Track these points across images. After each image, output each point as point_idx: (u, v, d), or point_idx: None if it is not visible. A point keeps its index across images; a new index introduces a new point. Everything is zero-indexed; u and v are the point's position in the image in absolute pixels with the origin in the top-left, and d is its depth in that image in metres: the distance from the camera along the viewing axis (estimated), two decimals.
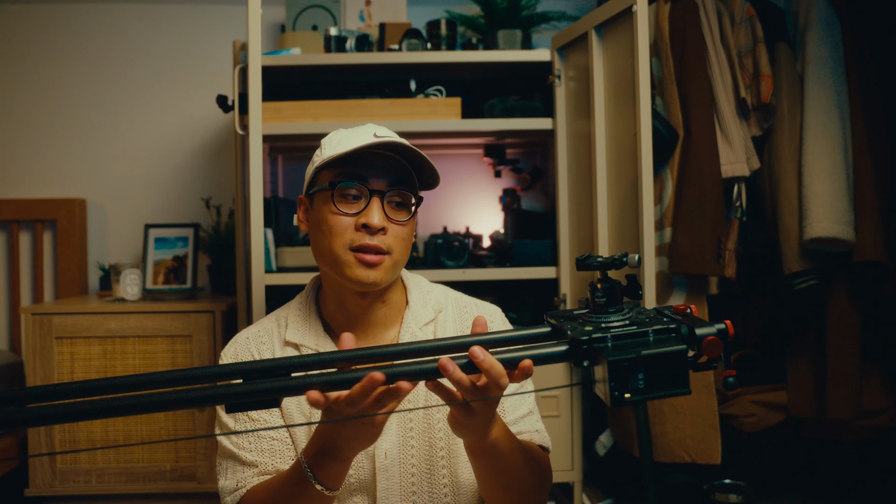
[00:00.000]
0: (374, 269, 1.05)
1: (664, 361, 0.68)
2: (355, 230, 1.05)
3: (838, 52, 2.00)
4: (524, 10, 2.29)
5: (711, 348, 0.70)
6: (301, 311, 1.16)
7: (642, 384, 0.67)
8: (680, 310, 0.76)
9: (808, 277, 1.99)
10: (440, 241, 2.14)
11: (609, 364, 0.67)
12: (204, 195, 2.67)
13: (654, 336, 0.72)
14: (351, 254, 1.05)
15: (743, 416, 2.11)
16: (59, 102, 2.68)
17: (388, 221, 1.06)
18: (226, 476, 1.09)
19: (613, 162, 1.93)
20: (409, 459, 1.10)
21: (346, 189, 1.05)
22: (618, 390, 0.67)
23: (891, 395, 2.06)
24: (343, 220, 1.05)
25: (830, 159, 1.94)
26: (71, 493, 2.16)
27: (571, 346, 0.75)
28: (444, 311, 1.18)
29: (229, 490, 1.08)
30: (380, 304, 1.13)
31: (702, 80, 1.98)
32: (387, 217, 1.06)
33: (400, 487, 1.09)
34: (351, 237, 1.05)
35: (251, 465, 1.08)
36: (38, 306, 2.28)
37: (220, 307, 2.19)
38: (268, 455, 1.08)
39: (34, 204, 2.59)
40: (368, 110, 2.09)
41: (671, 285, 2.04)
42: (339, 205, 1.05)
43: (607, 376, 0.67)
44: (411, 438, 1.10)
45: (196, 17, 2.70)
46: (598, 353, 0.70)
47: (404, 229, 1.08)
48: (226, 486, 1.08)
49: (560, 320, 0.82)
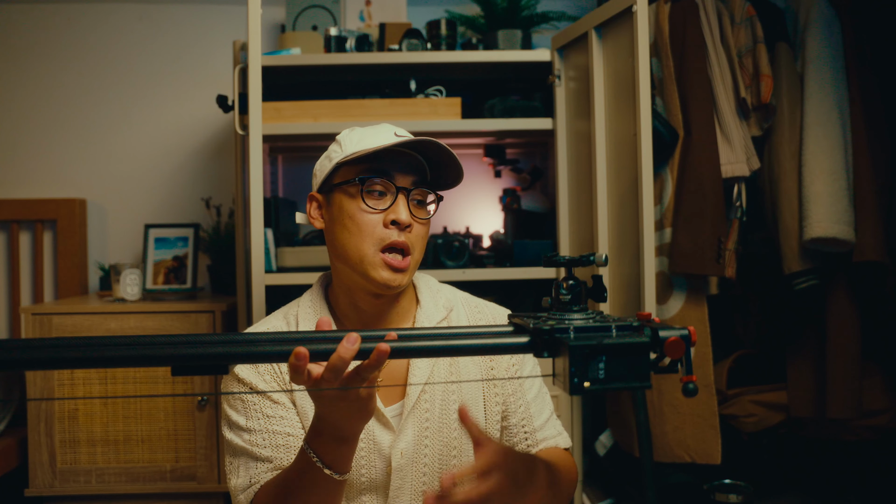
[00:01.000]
0: (400, 273, 1.06)
1: (626, 352, 0.67)
2: (384, 227, 1.05)
3: (838, 52, 2.00)
4: (524, 10, 2.29)
5: (673, 349, 0.69)
6: (312, 309, 1.14)
7: (602, 374, 0.67)
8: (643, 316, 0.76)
9: (808, 277, 1.99)
10: (440, 241, 2.14)
11: (570, 349, 0.66)
12: (204, 195, 2.67)
13: (616, 331, 0.72)
14: (380, 255, 1.05)
15: (743, 416, 2.11)
16: (59, 102, 2.68)
17: (412, 219, 1.06)
18: (237, 474, 1.06)
19: (613, 162, 1.93)
20: (422, 459, 1.09)
21: (373, 185, 1.06)
22: (577, 377, 0.66)
23: (891, 395, 2.06)
24: (372, 217, 1.05)
25: (830, 159, 1.95)
26: (71, 493, 2.16)
27: (533, 336, 0.74)
28: (456, 310, 1.18)
29: (242, 487, 1.05)
30: (394, 304, 1.13)
31: (702, 80, 1.98)
32: (412, 215, 1.07)
33: (412, 487, 1.09)
34: (381, 235, 1.05)
35: (265, 461, 1.05)
36: (38, 306, 2.28)
37: (220, 307, 2.19)
38: (283, 451, 1.06)
39: (34, 204, 2.59)
40: (368, 110, 2.09)
41: (671, 285, 2.04)
42: (368, 201, 1.05)
43: (567, 363, 0.67)
44: (426, 438, 1.10)
45: (196, 17, 2.70)
46: (560, 344, 0.69)
47: (424, 228, 1.09)
48: (238, 483, 1.06)
49: (524, 318, 0.82)
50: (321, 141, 2.11)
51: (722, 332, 2.20)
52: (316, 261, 2.04)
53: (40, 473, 2.16)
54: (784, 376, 2.12)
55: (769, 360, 2.21)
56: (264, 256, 1.81)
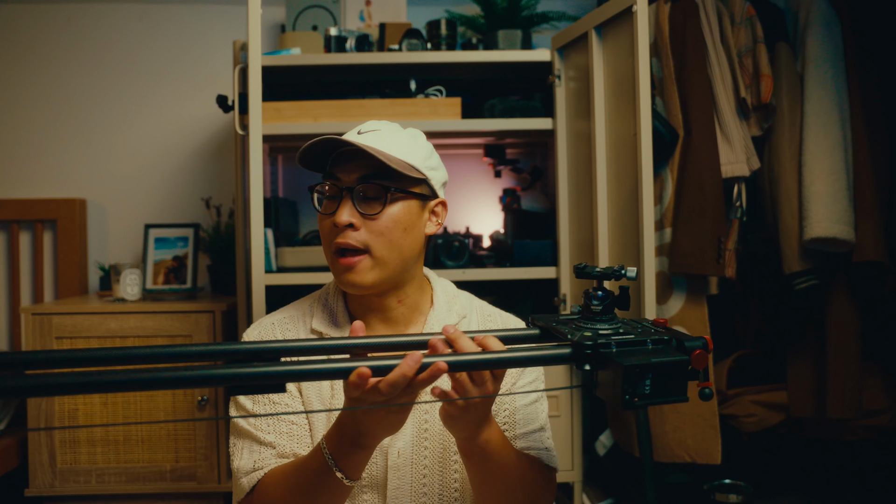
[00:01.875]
0: (353, 270, 1.04)
1: (669, 370, 0.72)
2: (332, 230, 1.05)
3: (838, 52, 2.00)
4: (524, 10, 2.29)
5: (699, 360, 0.75)
6: (328, 302, 1.16)
7: (648, 390, 0.72)
8: (659, 322, 0.81)
9: (809, 277, 1.99)
10: (440, 241, 2.14)
11: (625, 369, 0.70)
12: (204, 195, 2.67)
13: (651, 345, 0.76)
14: (336, 260, 1.06)
15: (743, 416, 2.11)
16: (59, 102, 2.68)
17: (357, 217, 1.03)
18: (241, 456, 1.06)
19: (613, 162, 1.93)
20: (421, 461, 1.09)
21: (324, 188, 1.07)
22: (629, 394, 0.71)
23: (891, 395, 2.06)
24: (325, 222, 1.07)
25: (830, 159, 1.94)
26: (71, 493, 2.16)
27: (574, 349, 0.78)
28: (469, 318, 1.18)
29: (246, 470, 1.05)
30: (395, 302, 1.12)
31: (702, 80, 1.98)
32: (358, 213, 1.03)
33: (411, 487, 1.09)
34: (330, 238, 1.06)
35: (269, 446, 1.05)
36: (38, 306, 2.28)
37: (220, 307, 2.19)
38: (286, 438, 1.06)
39: (34, 204, 2.59)
40: (368, 110, 2.09)
41: (671, 285, 2.04)
42: (322, 206, 1.07)
43: (620, 381, 0.71)
44: (426, 440, 1.10)
45: (196, 17, 2.70)
46: (606, 358, 0.74)
47: (380, 223, 1.04)
48: (242, 465, 1.05)
49: (550, 324, 0.84)
50: None
51: (722, 332, 2.20)
52: (316, 261, 2.04)
53: (40, 473, 2.16)
54: (784, 376, 2.12)
55: (769, 360, 2.21)
56: (264, 256, 1.81)
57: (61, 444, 2.16)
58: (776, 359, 2.18)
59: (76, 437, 2.16)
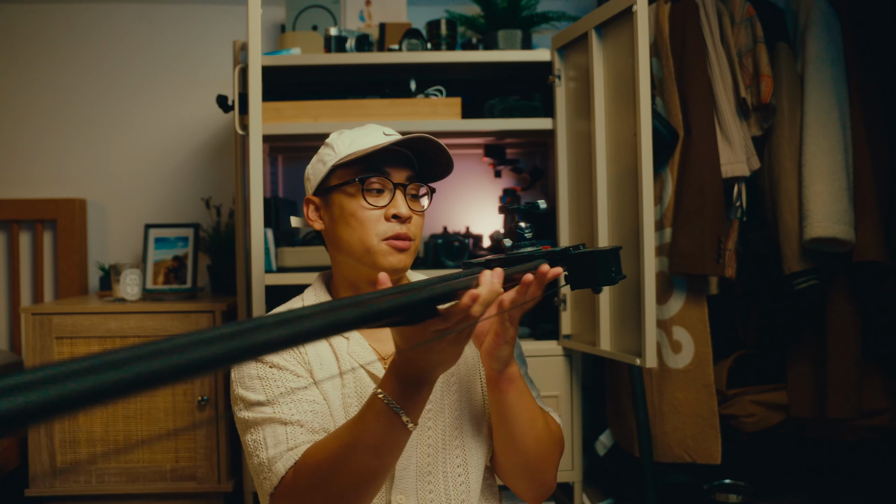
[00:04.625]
0: (404, 253, 1.12)
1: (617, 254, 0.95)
2: (385, 221, 1.11)
3: (838, 52, 2.00)
4: (524, 10, 2.29)
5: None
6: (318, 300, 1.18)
7: (615, 274, 0.93)
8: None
9: (809, 277, 1.99)
10: (440, 241, 2.14)
11: (612, 251, 0.93)
12: (204, 195, 2.67)
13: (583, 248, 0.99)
14: (384, 243, 1.11)
15: (743, 416, 2.11)
16: (59, 102, 2.68)
17: (411, 211, 1.13)
18: (266, 446, 1.00)
19: (613, 162, 1.93)
20: (425, 440, 1.11)
21: (372, 183, 1.12)
22: (614, 272, 0.92)
23: (891, 395, 2.06)
24: (373, 213, 1.11)
25: (830, 159, 1.95)
26: (71, 493, 2.16)
27: (563, 253, 0.97)
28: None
29: (278, 455, 0.99)
30: None
31: (702, 80, 1.98)
32: (409, 207, 1.13)
33: (416, 467, 1.10)
34: (383, 228, 1.11)
35: (297, 424, 1.01)
36: (38, 306, 2.28)
37: (220, 307, 2.19)
38: (311, 415, 1.03)
39: (34, 204, 2.59)
40: (368, 110, 2.09)
41: (671, 285, 2.04)
42: (368, 198, 1.11)
43: (609, 262, 0.92)
44: (428, 419, 1.12)
45: (196, 17, 2.70)
46: (587, 254, 0.94)
47: (420, 219, 1.16)
48: (272, 454, 0.99)
49: (491, 261, 0.98)
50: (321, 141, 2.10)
51: (722, 332, 2.20)
52: (316, 261, 2.04)
53: (40, 473, 2.15)
54: (784, 376, 2.12)
55: (769, 360, 2.21)
56: (264, 256, 1.81)
57: (61, 444, 2.15)
58: (776, 359, 2.18)
59: (76, 437, 2.16)
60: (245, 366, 1.10)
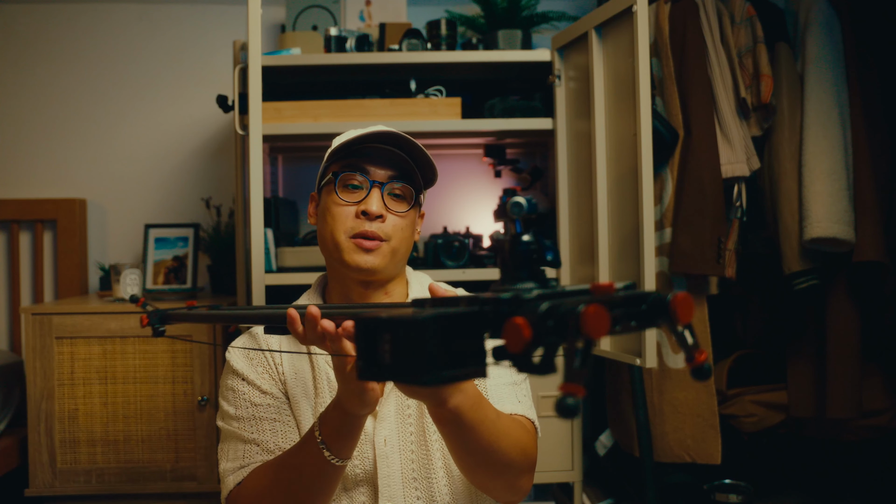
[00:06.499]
0: (371, 254, 1.10)
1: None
2: (355, 217, 1.11)
3: (838, 52, 2.00)
4: (524, 10, 2.28)
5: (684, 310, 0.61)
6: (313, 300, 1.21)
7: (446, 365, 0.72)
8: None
9: (809, 277, 1.99)
10: (440, 241, 2.14)
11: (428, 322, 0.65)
12: (204, 195, 2.67)
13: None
14: (351, 241, 1.10)
15: (743, 416, 2.11)
16: (59, 102, 2.68)
17: (386, 210, 1.11)
18: (227, 458, 1.11)
19: (613, 162, 1.93)
20: (408, 446, 1.12)
21: (348, 179, 1.12)
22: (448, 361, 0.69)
23: (891, 395, 2.06)
24: (344, 208, 1.11)
25: (830, 159, 1.95)
26: (71, 493, 2.16)
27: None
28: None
29: (231, 469, 1.09)
30: (383, 295, 1.17)
31: (702, 80, 1.98)
32: (385, 206, 1.11)
33: (401, 475, 1.11)
34: (351, 224, 1.11)
35: (252, 443, 1.10)
36: (38, 306, 2.28)
37: None
38: (269, 434, 1.10)
39: (34, 204, 2.59)
40: (368, 110, 2.09)
41: (671, 285, 2.04)
42: (341, 194, 1.11)
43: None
44: (410, 426, 1.12)
45: (196, 17, 2.70)
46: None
47: (403, 220, 1.13)
48: (228, 466, 1.10)
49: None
50: (321, 141, 2.11)
51: (722, 332, 2.20)
52: (316, 261, 2.04)
53: (40, 473, 2.15)
54: (784, 376, 2.12)
55: (769, 360, 2.21)
56: (264, 256, 1.81)
57: (61, 444, 2.15)
58: (776, 359, 2.18)
59: (76, 437, 2.16)
60: (227, 375, 1.17)
